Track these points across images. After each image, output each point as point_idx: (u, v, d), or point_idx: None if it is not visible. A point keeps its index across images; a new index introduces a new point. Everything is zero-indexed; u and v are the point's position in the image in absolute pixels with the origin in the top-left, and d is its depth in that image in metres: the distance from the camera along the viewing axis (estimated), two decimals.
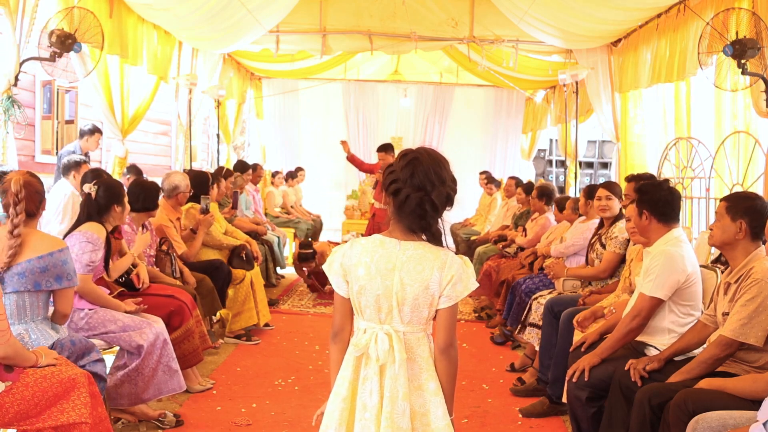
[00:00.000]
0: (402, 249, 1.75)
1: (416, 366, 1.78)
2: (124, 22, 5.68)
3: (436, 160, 1.76)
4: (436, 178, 1.72)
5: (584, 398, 2.75)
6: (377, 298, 1.74)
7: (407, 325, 1.76)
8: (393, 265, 1.73)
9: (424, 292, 1.73)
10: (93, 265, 3.13)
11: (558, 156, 12.95)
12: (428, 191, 1.72)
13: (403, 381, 1.74)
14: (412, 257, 1.73)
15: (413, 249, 1.74)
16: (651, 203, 2.92)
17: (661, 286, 2.79)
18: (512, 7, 6.35)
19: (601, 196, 4.15)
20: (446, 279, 1.72)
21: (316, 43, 7.64)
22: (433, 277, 1.72)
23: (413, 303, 1.73)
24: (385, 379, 1.75)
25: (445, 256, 1.74)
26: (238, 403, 3.66)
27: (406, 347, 1.76)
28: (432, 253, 1.74)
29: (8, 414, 2.20)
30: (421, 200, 1.71)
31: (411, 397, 1.76)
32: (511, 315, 4.75)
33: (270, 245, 6.80)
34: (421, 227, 1.74)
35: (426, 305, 1.74)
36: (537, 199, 5.87)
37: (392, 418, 1.72)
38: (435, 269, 1.72)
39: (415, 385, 1.78)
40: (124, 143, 6.11)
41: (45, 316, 2.68)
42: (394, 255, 1.74)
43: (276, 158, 11.40)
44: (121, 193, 3.39)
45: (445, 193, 1.74)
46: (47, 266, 2.54)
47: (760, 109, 4.11)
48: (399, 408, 1.73)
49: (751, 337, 2.39)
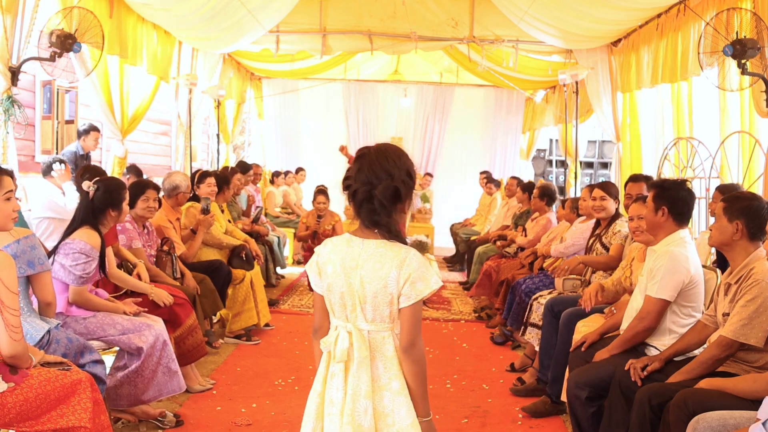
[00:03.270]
0: (364, 247, 1.75)
1: (380, 365, 1.77)
2: (124, 22, 5.68)
3: (384, 154, 1.74)
4: (382, 172, 1.70)
5: (584, 398, 2.75)
6: (342, 295, 1.75)
7: (371, 323, 1.76)
8: (356, 263, 1.74)
9: (383, 291, 1.71)
10: (87, 276, 3.09)
11: (558, 156, 12.95)
12: (374, 185, 1.70)
13: (365, 379, 1.74)
14: (372, 255, 1.73)
15: (374, 247, 1.74)
16: (671, 201, 2.92)
17: (665, 287, 2.79)
18: (512, 7, 6.35)
19: (596, 197, 4.17)
20: (404, 277, 1.70)
21: (316, 43, 7.65)
22: (390, 276, 1.70)
23: (373, 301, 1.73)
24: (349, 376, 1.76)
25: (405, 254, 1.72)
26: (238, 403, 3.66)
27: (371, 346, 1.76)
28: (392, 251, 1.72)
29: (10, 414, 2.20)
30: (369, 194, 1.71)
31: (374, 396, 1.75)
32: (511, 315, 4.75)
33: (270, 245, 6.80)
34: (372, 222, 1.73)
35: (386, 303, 1.73)
36: (538, 199, 5.88)
37: (353, 415, 1.72)
38: (393, 267, 1.70)
39: (379, 384, 1.76)
40: (123, 143, 6.11)
41: (30, 308, 2.68)
42: (357, 253, 1.75)
43: (276, 158, 11.41)
44: (118, 198, 3.31)
45: (392, 187, 1.70)
46: (16, 253, 2.56)
47: (761, 109, 4.11)
48: (361, 406, 1.74)
49: (751, 338, 2.39)
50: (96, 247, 3.13)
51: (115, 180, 3.50)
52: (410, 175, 1.76)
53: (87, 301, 3.14)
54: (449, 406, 3.74)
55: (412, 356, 1.74)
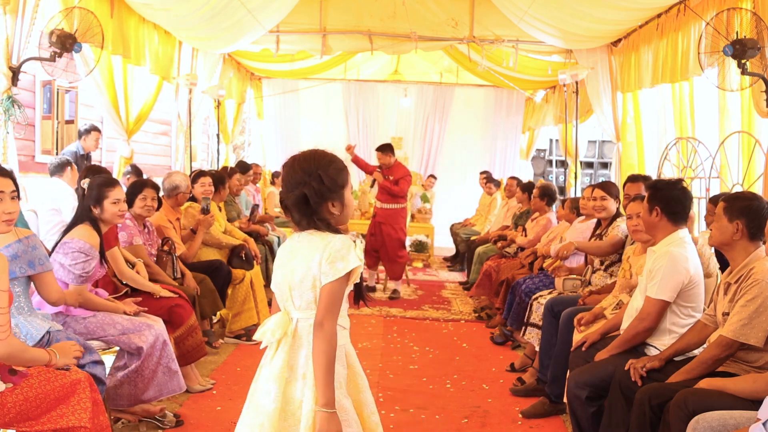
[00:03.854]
0: (300, 238, 1.84)
1: (303, 354, 1.80)
2: (125, 22, 5.68)
3: (294, 163, 1.83)
4: (293, 182, 1.81)
5: (584, 398, 2.75)
6: (278, 286, 1.85)
7: (299, 310, 1.81)
8: (292, 255, 1.83)
9: (308, 274, 1.77)
10: (86, 275, 3.08)
11: (558, 156, 12.95)
12: (289, 194, 1.82)
13: (277, 363, 1.81)
14: (304, 244, 1.82)
15: (306, 236, 1.82)
16: (664, 201, 2.92)
17: (665, 288, 2.79)
18: (512, 7, 6.35)
19: (596, 197, 4.18)
20: (326, 257, 1.75)
21: (316, 43, 7.65)
22: (314, 258, 1.76)
23: (300, 286, 1.79)
24: (270, 359, 1.84)
25: (331, 238, 1.78)
26: (238, 403, 3.64)
27: (297, 334, 1.81)
28: (320, 237, 1.79)
29: (10, 413, 2.20)
30: (288, 202, 1.83)
31: (289, 385, 1.79)
32: (511, 315, 4.76)
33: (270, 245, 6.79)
34: (296, 223, 1.84)
35: (309, 288, 1.78)
36: (538, 199, 5.88)
37: (255, 394, 1.85)
38: (317, 251, 1.77)
39: (298, 373, 1.79)
40: (129, 143, 6.11)
41: (30, 307, 2.69)
42: (295, 245, 1.84)
43: (276, 158, 11.40)
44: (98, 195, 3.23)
45: (300, 195, 1.79)
46: (17, 253, 2.57)
47: (761, 109, 4.11)
48: (263, 388, 1.82)
49: (751, 338, 2.39)
50: (95, 245, 3.12)
51: (99, 178, 3.40)
52: (321, 179, 1.79)
53: (87, 300, 3.14)
54: (449, 406, 3.74)
55: (318, 336, 1.74)
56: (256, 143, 12.01)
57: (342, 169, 1.85)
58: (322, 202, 1.80)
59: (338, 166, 1.84)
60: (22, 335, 2.57)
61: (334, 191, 1.81)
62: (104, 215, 3.25)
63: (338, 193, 1.82)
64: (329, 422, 1.70)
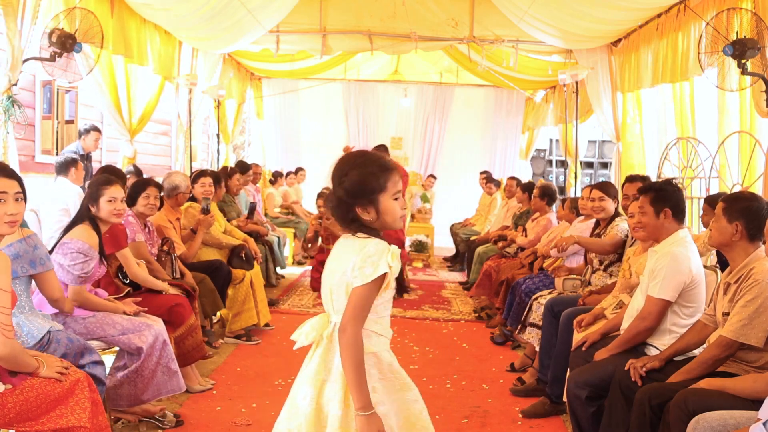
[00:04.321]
0: (341, 242, 1.85)
1: (338, 356, 1.77)
2: (126, 23, 5.69)
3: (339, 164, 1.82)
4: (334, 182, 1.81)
5: (584, 397, 2.75)
6: (323, 288, 1.84)
7: (337, 314, 1.79)
8: (335, 258, 1.83)
9: (342, 277, 1.75)
10: (86, 276, 3.08)
11: (558, 156, 12.95)
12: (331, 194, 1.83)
13: (313, 366, 1.80)
14: (343, 247, 1.82)
15: (349, 239, 1.81)
16: (673, 201, 2.94)
17: (667, 287, 2.80)
18: (512, 7, 6.35)
19: (594, 197, 4.17)
20: (359, 262, 1.72)
21: (316, 43, 7.65)
22: (349, 262, 1.74)
23: (337, 290, 1.78)
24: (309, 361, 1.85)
25: (367, 242, 1.75)
26: (238, 403, 3.66)
27: (332, 337, 1.79)
28: (358, 242, 1.77)
29: (9, 414, 2.20)
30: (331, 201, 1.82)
31: (324, 387, 1.77)
32: (511, 315, 4.75)
33: (270, 245, 6.80)
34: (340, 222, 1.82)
35: (344, 292, 1.76)
36: (538, 199, 5.88)
37: (293, 395, 1.84)
38: (353, 254, 1.74)
39: (333, 376, 1.78)
40: (132, 143, 6.11)
41: (31, 306, 2.69)
42: (339, 248, 1.84)
43: (276, 158, 11.41)
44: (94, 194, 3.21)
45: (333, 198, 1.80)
46: (18, 252, 2.57)
47: (761, 109, 4.11)
48: (301, 391, 1.81)
49: (751, 338, 2.39)
50: (94, 246, 3.11)
51: (101, 177, 3.39)
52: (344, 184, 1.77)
53: (86, 300, 3.14)
54: (449, 406, 3.74)
55: (341, 340, 1.73)
56: (256, 143, 12.01)
57: (372, 174, 1.75)
58: (350, 207, 1.76)
59: (368, 171, 1.75)
60: (24, 334, 2.56)
61: (362, 196, 1.75)
62: (100, 213, 3.23)
63: (368, 198, 1.75)
64: (369, 424, 1.68)
